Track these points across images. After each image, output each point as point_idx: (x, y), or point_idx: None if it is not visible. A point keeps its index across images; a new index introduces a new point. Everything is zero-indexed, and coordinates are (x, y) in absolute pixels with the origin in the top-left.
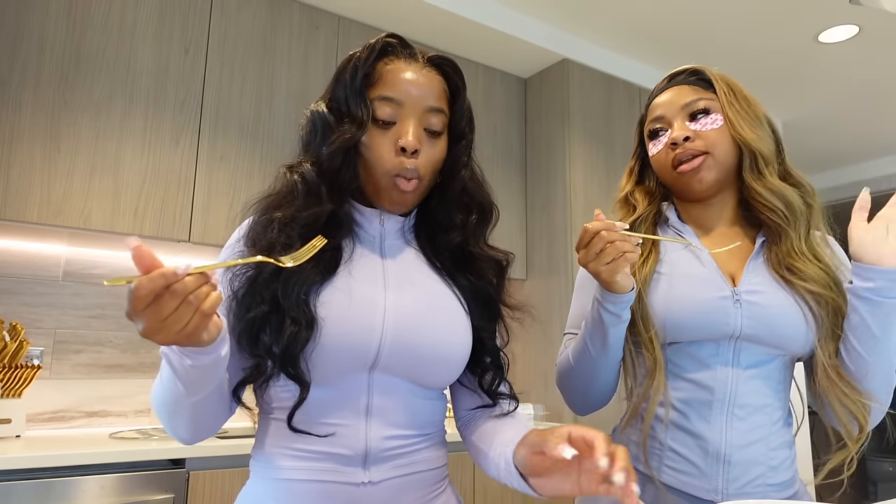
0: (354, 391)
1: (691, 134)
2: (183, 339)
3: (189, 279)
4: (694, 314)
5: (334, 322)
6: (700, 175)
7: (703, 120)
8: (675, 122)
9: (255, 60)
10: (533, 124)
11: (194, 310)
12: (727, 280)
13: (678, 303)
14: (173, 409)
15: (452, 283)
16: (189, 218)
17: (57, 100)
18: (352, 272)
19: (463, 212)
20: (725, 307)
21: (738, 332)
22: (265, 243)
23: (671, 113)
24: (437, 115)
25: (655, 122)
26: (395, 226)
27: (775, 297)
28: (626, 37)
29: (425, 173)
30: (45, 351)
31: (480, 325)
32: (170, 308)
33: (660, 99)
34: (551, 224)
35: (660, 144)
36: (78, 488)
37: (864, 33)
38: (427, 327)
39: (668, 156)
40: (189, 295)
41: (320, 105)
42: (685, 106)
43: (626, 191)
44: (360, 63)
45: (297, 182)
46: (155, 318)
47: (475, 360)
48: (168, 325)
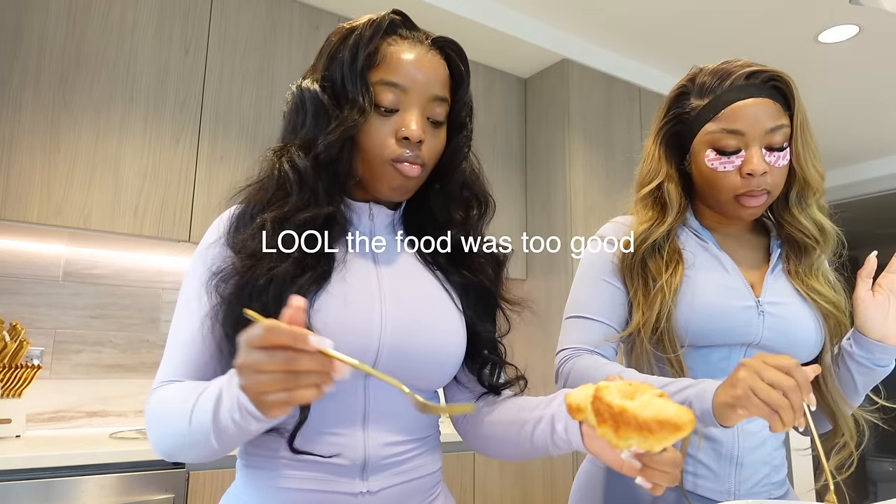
0: (350, 398)
1: (768, 170)
2: (276, 402)
3: (322, 356)
4: (718, 322)
5: (330, 332)
6: (756, 211)
7: (778, 154)
8: (752, 147)
9: (255, 60)
10: (533, 124)
11: (312, 382)
12: (750, 289)
13: (702, 311)
14: (182, 446)
15: (445, 279)
16: (189, 218)
17: (57, 100)
18: (345, 277)
19: (462, 207)
20: (749, 317)
21: (757, 341)
22: (255, 247)
23: (754, 134)
24: (441, 105)
25: (732, 135)
26: (384, 220)
27: (796, 310)
28: (626, 37)
29: (429, 162)
30: (45, 351)
31: (476, 320)
32: (299, 366)
33: (743, 108)
34: (551, 224)
35: (730, 164)
36: (78, 488)
37: (864, 33)
38: (423, 331)
39: (735, 180)
40: (317, 366)
41: (311, 83)
42: (769, 132)
43: (658, 181)
44: (363, 42)
45: (287, 173)
46: (273, 367)
47: (473, 355)
48: (280, 382)
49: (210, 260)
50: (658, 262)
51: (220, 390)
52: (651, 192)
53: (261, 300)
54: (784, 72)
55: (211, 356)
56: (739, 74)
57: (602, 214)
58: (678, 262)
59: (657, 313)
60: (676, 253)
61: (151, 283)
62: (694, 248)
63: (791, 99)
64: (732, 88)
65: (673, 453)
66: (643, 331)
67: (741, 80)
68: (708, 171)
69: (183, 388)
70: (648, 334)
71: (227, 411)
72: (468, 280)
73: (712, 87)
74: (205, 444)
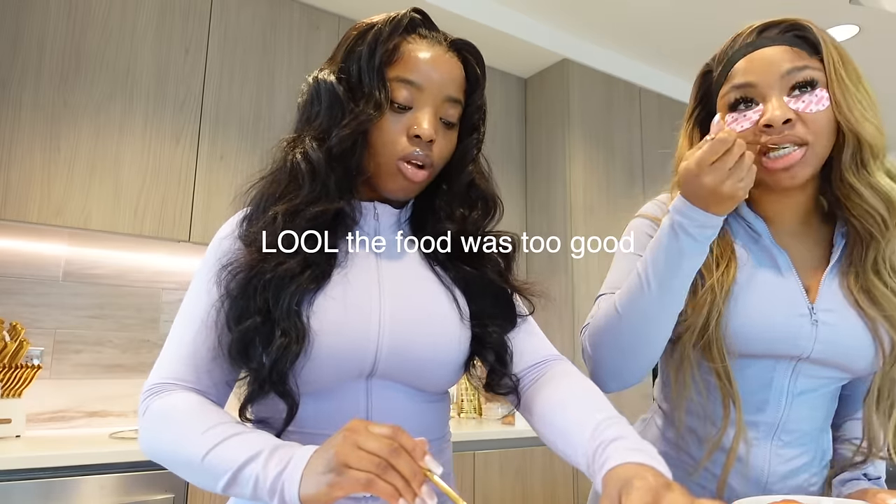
0: (352, 399)
1: (792, 116)
2: (352, 478)
3: (421, 471)
4: (766, 332)
5: (327, 334)
6: (795, 171)
7: (807, 97)
8: (770, 95)
9: (255, 60)
10: (533, 124)
11: (396, 482)
12: (805, 294)
13: (751, 318)
14: (175, 463)
15: (450, 279)
16: (189, 218)
17: (57, 100)
18: (346, 277)
19: (466, 206)
20: (801, 327)
21: (808, 354)
22: (268, 240)
23: (767, 81)
24: (455, 106)
25: (742, 88)
26: (389, 219)
27: (851, 321)
28: (626, 37)
29: (438, 163)
30: (45, 351)
31: (482, 316)
32: (397, 461)
33: (751, 59)
34: (551, 224)
35: (745, 121)
36: (78, 488)
37: (864, 33)
38: (423, 332)
39: (755, 138)
40: (410, 473)
41: (328, 75)
42: (787, 74)
43: None
44: (382, 38)
45: (300, 164)
46: (375, 448)
47: (480, 356)
48: (372, 464)
49: (221, 252)
50: (707, 256)
51: (264, 456)
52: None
53: (264, 295)
54: (804, 18)
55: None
56: (751, 29)
57: (602, 214)
58: (731, 258)
59: (706, 316)
60: (729, 247)
61: (151, 283)
62: (745, 240)
63: (818, 44)
64: (743, 45)
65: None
66: (687, 336)
67: (753, 35)
68: None
69: (198, 410)
70: (694, 339)
71: (262, 482)
72: (469, 274)
73: (726, 51)
74: (204, 482)
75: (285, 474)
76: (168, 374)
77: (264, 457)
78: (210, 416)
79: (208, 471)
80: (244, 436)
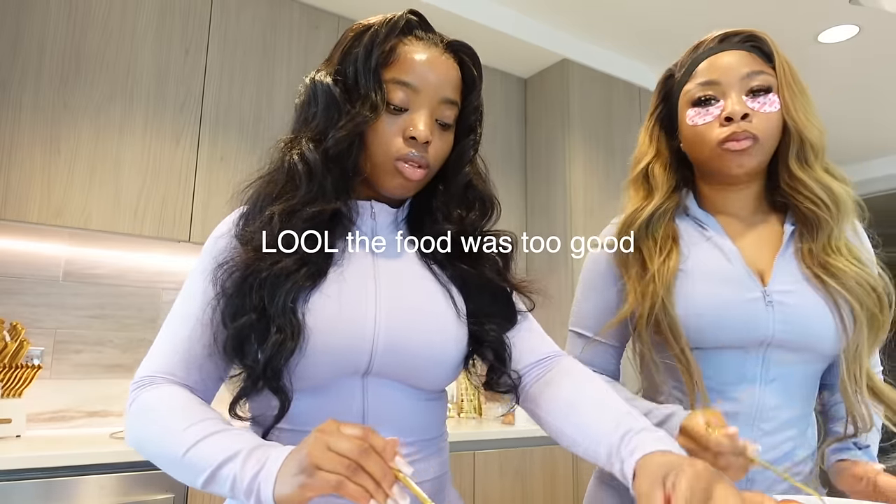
0: (347, 396)
1: (750, 112)
2: (323, 480)
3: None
4: (719, 319)
5: (322, 332)
6: (742, 160)
7: (762, 99)
8: (730, 93)
9: (255, 60)
10: (533, 124)
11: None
12: (756, 278)
13: (700, 306)
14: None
15: (447, 277)
16: (189, 218)
17: (57, 101)
18: (342, 275)
19: (463, 207)
20: (756, 311)
21: (770, 338)
22: (262, 240)
23: (728, 81)
24: (451, 108)
25: (707, 87)
26: (387, 218)
27: (809, 298)
28: (626, 37)
29: (434, 164)
30: (46, 351)
31: (480, 315)
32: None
33: (714, 61)
34: (551, 224)
35: (708, 115)
36: (78, 488)
37: (864, 33)
38: (419, 330)
39: (716, 130)
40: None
41: (324, 76)
42: (746, 76)
43: (645, 162)
44: (378, 40)
45: (297, 165)
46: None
47: (479, 354)
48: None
49: (217, 251)
50: (651, 247)
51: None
52: (638, 175)
53: (259, 293)
54: (760, 30)
55: (204, 347)
56: (713, 38)
57: (602, 214)
58: (672, 247)
59: (651, 301)
60: (670, 238)
61: (151, 283)
62: (693, 237)
63: (772, 54)
64: (706, 49)
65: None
66: (639, 324)
67: (714, 42)
68: (691, 131)
69: (184, 405)
70: (644, 326)
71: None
72: (467, 272)
73: (689, 56)
74: (185, 477)
75: (261, 475)
76: (158, 367)
77: (242, 457)
78: (194, 413)
79: (188, 468)
80: (224, 434)
